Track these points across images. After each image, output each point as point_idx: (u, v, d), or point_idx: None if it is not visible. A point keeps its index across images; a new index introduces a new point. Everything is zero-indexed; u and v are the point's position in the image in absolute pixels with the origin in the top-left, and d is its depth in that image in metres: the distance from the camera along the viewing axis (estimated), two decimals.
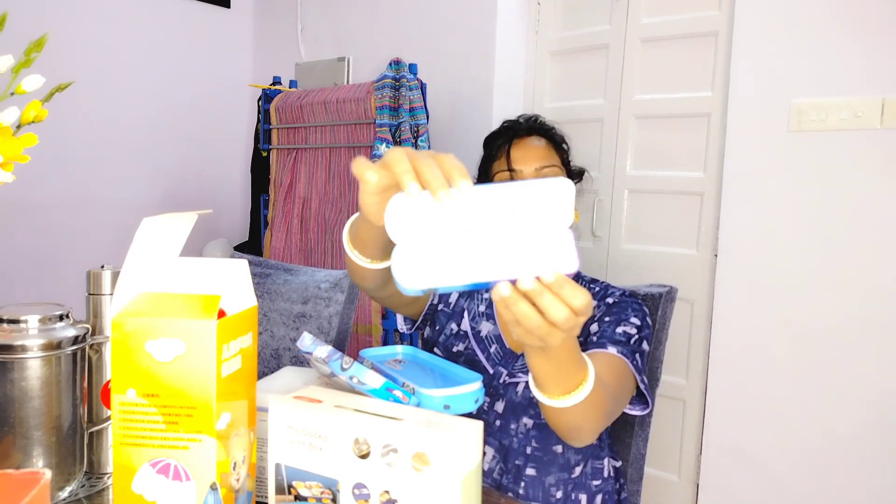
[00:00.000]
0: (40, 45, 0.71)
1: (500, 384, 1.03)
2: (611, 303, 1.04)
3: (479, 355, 1.06)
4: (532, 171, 1.05)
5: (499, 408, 1.03)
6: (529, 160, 1.06)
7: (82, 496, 0.75)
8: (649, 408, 1.01)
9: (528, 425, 1.01)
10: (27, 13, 2.28)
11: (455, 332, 1.08)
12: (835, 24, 1.58)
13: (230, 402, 0.61)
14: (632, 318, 1.01)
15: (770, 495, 1.71)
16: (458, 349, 1.07)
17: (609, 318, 1.01)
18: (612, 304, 1.04)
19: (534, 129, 1.12)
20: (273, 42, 2.97)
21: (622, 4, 2.03)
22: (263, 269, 1.61)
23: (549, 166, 1.06)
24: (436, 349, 1.11)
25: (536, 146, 1.08)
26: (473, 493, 0.59)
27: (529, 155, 1.06)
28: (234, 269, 0.67)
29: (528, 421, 1.01)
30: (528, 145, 1.08)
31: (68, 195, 2.47)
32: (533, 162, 1.06)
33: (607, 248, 2.09)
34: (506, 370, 1.03)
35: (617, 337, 0.98)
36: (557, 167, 1.07)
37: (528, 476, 1.01)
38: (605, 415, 0.82)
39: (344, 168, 2.40)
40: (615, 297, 1.05)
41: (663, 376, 1.20)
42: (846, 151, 1.58)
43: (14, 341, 0.68)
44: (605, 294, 1.07)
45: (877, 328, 1.55)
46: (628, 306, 1.03)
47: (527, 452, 1.02)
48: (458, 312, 1.10)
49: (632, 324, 1.00)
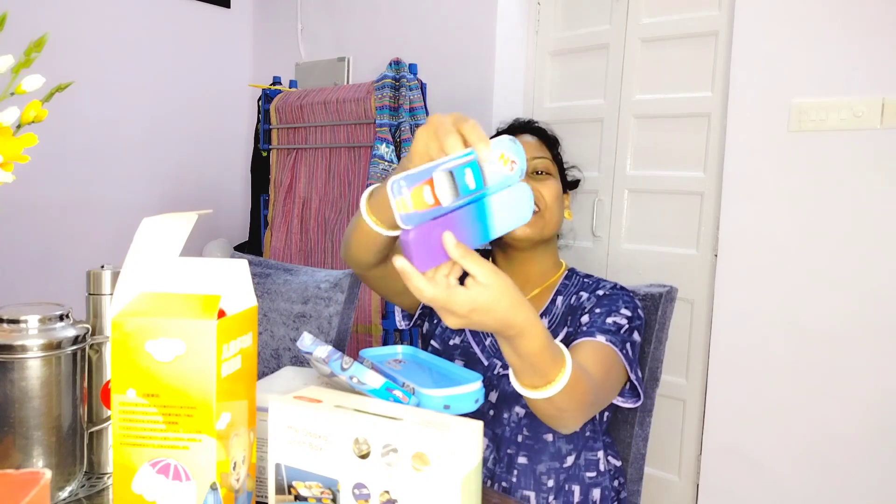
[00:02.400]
0: (40, 45, 0.71)
1: (495, 375, 1.05)
2: (601, 294, 1.06)
3: (475, 347, 1.08)
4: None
5: (492, 398, 1.05)
6: None
7: (82, 496, 0.75)
8: (640, 400, 1.02)
9: (520, 414, 1.03)
10: (27, 13, 2.28)
11: None
12: (835, 24, 1.58)
13: (230, 402, 0.61)
14: (622, 310, 1.02)
15: (770, 495, 1.71)
16: (455, 342, 1.10)
17: (599, 310, 1.02)
18: (603, 297, 1.05)
19: (527, 128, 1.17)
20: (273, 42, 2.97)
21: (622, 4, 2.03)
22: (263, 269, 1.61)
23: (541, 157, 1.10)
24: (433, 342, 1.13)
25: (529, 141, 1.12)
26: (473, 493, 0.59)
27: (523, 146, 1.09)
28: (234, 269, 0.67)
29: (520, 410, 1.03)
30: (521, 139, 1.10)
31: (68, 195, 2.47)
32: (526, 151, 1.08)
33: (607, 248, 2.09)
34: (500, 361, 1.06)
35: (606, 326, 0.99)
36: (548, 160, 1.11)
37: (519, 464, 1.03)
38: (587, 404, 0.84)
39: (344, 168, 2.40)
40: (606, 289, 1.07)
41: (663, 376, 1.20)
42: (846, 151, 1.58)
43: (14, 341, 0.68)
44: (597, 287, 1.09)
45: (877, 328, 1.55)
46: (619, 298, 1.04)
47: (518, 441, 1.03)
48: None
49: (622, 314, 1.01)
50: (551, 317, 1.08)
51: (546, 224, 1.07)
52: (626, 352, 0.98)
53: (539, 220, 1.06)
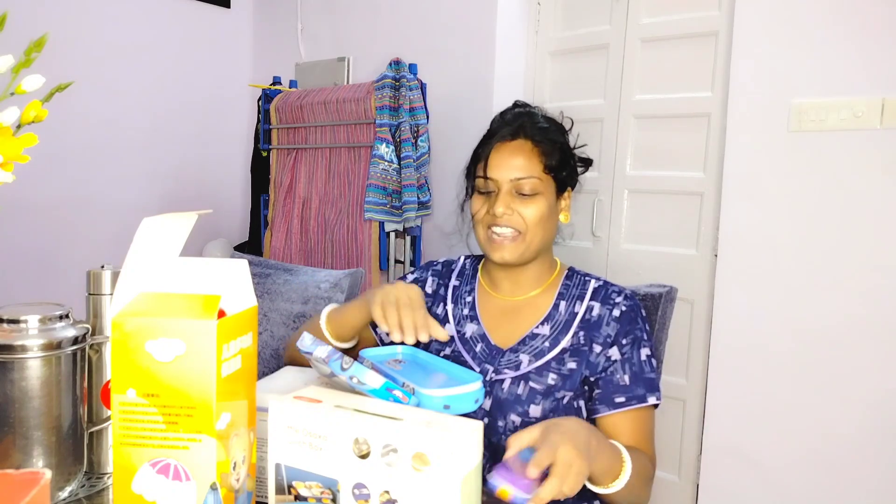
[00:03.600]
0: (40, 45, 0.71)
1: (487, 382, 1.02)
2: (619, 315, 1.02)
3: (465, 356, 1.05)
4: (508, 182, 1.02)
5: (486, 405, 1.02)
6: (506, 168, 1.02)
7: (82, 496, 0.75)
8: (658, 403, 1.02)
9: (516, 422, 1.00)
10: (27, 13, 2.28)
11: None
12: (835, 24, 1.58)
13: (230, 402, 0.61)
14: (644, 335, 1.02)
15: (770, 495, 1.71)
16: (446, 354, 1.07)
17: (626, 341, 1.00)
18: (622, 317, 1.02)
19: (518, 131, 1.05)
20: (273, 42, 2.97)
21: (622, 4, 2.03)
22: (263, 269, 1.61)
23: (526, 178, 1.01)
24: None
25: (517, 154, 1.03)
26: (473, 493, 0.59)
27: (507, 163, 1.02)
28: (234, 269, 0.67)
29: (516, 418, 1.00)
30: (510, 152, 1.03)
31: (68, 195, 2.47)
32: (510, 171, 1.02)
33: (607, 248, 2.09)
34: (492, 367, 1.02)
35: (646, 373, 1.00)
36: (536, 178, 1.02)
37: None
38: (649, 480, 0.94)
39: (344, 168, 2.40)
40: (621, 306, 1.03)
41: (663, 376, 1.20)
42: (846, 151, 1.58)
43: (14, 341, 0.68)
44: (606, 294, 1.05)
45: (876, 327, 1.55)
46: (637, 315, 1.03)
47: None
48: (443, 318, 1.10)
49: (646, 342, 1.02)
50: (553, 323, 1.04)
51: (528, 246, 1.02)
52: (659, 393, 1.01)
53: (520, 245, 1.01)
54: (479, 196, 1.06)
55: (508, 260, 1.02)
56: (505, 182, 1.02)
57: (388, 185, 2.21)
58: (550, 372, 1.00)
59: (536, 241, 1.03)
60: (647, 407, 0.99)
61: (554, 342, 1.02)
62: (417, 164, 2.23)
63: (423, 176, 2.25)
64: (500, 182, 1.03)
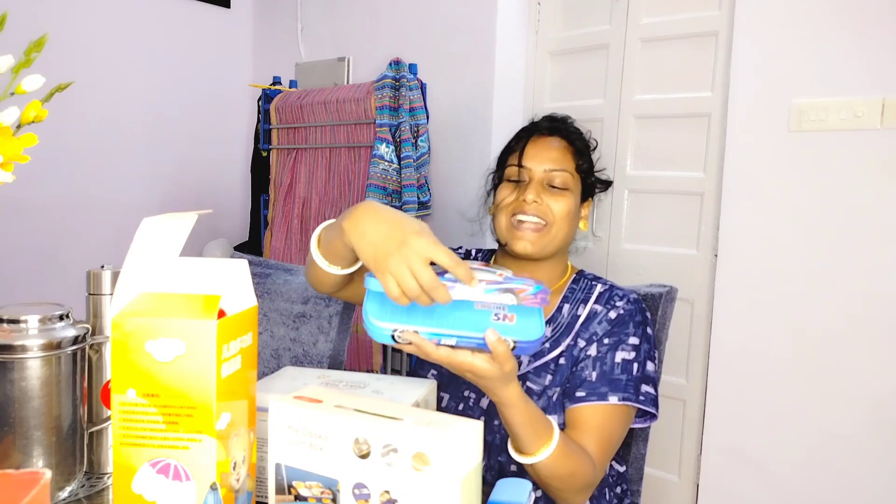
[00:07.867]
0: (40, 45, 0.71)
1: None
2: (613, 318, 1.02)
3: None
4: (541, 172, 1.04)
5: (484, 404, 1.03)
6: (541, 160, 1.05)
7: (82, 496, 0.75)
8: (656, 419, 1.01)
9: None
10: (27, 13, 2.28)
11: None
12: (835, 24, 1.58)
13: (230, 402, 0.61)
14: (630, 339, 0.99)
15: (770, 496, 1.71)
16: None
17: (608, 341, 0.99)
18: (615, 320, 1.01)
19: (556, 129, 1.10)
20: (273, 42, 2.97)
21: (622, 4, 2.03)
22: (263, 269, 1.61)
23: (559, 170, 1.04)
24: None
25: (553, 148, 1.06)
26: (473, 493, 0.59)
27: (543, 155, 1.05)
28: (234, 269, 0.67)
29: None
30: (545, 145, 1.07)
31: (68, 195, 2.47)
32: (544, 162, 1.05)
33: (607, 248, 2.09)
34: None
35: (615, 374, 0.96)
36: (569, 173, 1.05)
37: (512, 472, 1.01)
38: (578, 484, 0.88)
39: (344, 168, 2.41)
40: (619, 310, 1.03)
41: (663, 376, 1.20)
42: (846, 151, 1.58)
43: (14, 341, 0.68)
44: (610, 296, 1.05)
45: (877, 328, 1.55)
46: (630, 320, 1.01)
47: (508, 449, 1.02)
48: None
49: (630, 346, 0.98)
50: (555, 325, 1.04)
51: (552, 239, 1.03)
52: (643, 397, 0.96)
53: (544, 236, 1.02)
54: (508, 184, 1.07)
55: (530, 251, 1.02)
56: (538, 172, 1.05)
57: (388, 185, 2.21)
58: (547, 373, 1.00)
59: (560, 236, 1.04)
60: (609, 406, 0.95)
61: (554, 344, 1.02)
62: (417, 164, 2.23)
63: (423, 176, 2.25)
64: (533, 171, 1.05)
